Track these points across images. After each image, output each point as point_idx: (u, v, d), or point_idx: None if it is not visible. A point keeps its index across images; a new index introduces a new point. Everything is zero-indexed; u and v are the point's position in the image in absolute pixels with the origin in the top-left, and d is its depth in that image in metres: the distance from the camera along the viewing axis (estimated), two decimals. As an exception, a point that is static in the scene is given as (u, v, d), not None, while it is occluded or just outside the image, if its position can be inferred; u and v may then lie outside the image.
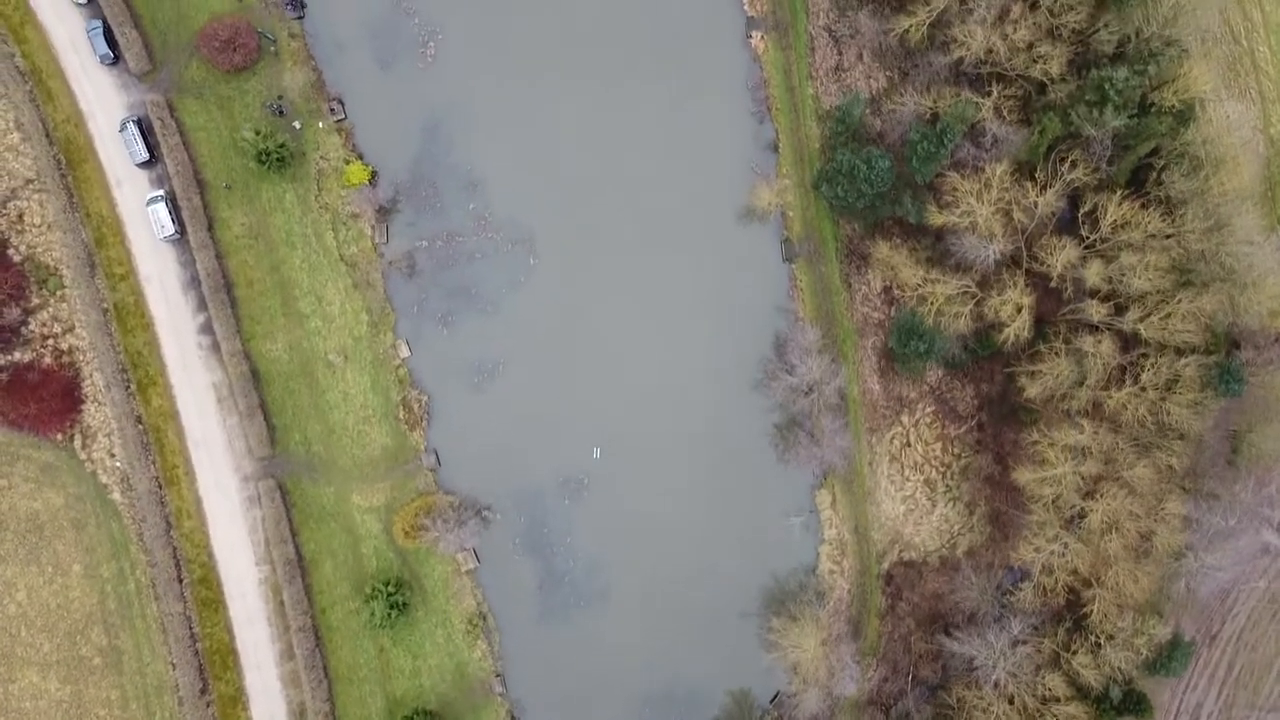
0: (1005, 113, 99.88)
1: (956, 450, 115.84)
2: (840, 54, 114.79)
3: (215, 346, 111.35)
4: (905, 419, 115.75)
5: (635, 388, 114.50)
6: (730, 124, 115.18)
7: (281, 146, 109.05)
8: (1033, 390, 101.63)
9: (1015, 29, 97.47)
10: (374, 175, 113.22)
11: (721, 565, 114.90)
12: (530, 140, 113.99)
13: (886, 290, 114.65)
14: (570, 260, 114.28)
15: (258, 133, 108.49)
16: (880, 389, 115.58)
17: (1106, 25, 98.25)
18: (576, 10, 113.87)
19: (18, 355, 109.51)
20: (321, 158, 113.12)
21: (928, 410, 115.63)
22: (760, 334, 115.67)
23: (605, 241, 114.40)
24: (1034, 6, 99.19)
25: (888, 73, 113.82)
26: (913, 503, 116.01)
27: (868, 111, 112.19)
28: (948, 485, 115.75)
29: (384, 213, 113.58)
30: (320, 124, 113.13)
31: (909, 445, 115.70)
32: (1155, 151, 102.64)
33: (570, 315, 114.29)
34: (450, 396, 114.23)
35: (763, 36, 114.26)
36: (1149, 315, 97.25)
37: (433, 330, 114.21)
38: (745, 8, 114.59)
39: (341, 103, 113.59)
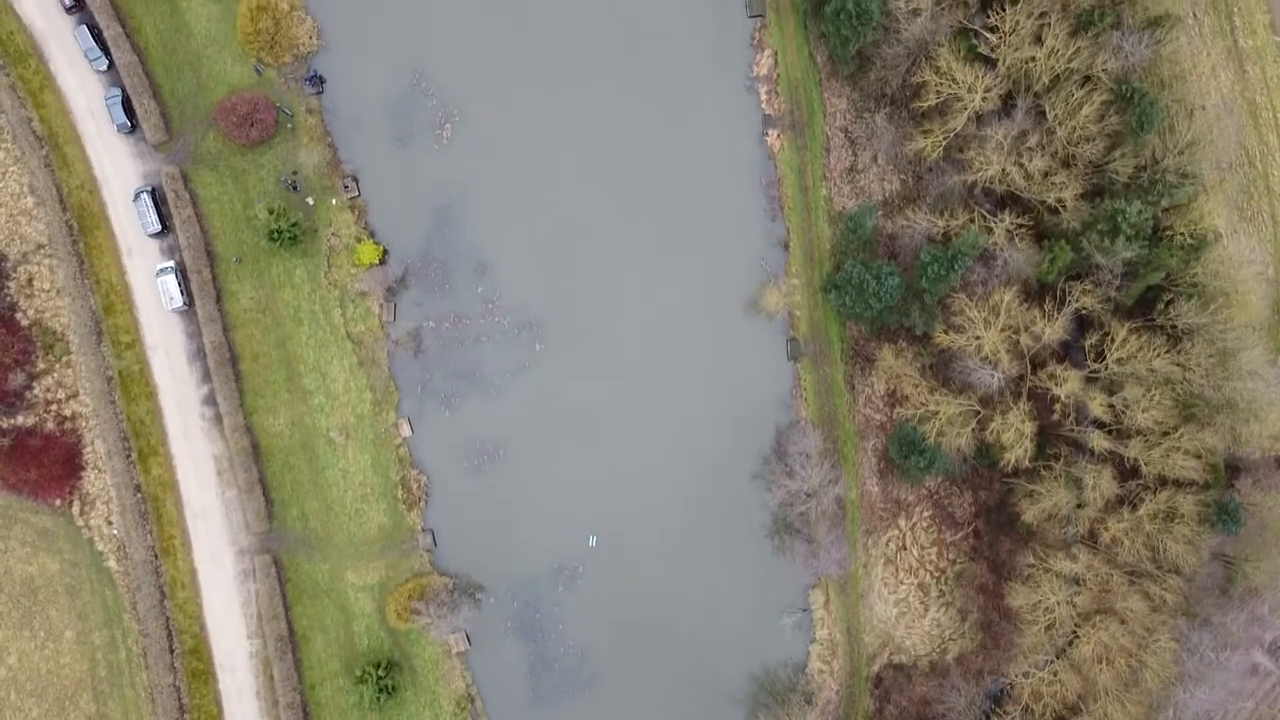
0: (1017, 239, 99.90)
1: (952, 556, 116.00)
2: (855, 156, 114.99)
3: (218, 418, 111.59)
4: (902, 522, 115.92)
5: (634, 478, 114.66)
6: (742, 220, 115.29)
7: (294, 225, 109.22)
8: (1030, 515, 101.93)
9: (1031, 158, 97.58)
10: (385, 255, 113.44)
11: (712, 659, 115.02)
12: (542, 226, 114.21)
13: (890, 393, 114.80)
14: (576, 348, 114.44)
15: (271, 211, 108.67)
16: (879, 491, 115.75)
17: (1123, 155, 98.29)
18: (595, 99, 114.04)
19: (21, 420, 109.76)
20: (333, 234, 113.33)
21: (925, 515, 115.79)
22: (762, 429, 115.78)
23: (612, 330, 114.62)
24: (1050, 132, 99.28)
25: (901, 176, 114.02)
26: (905, 606, 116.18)
27: (880, 215, 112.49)
28: (941, 590, 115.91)
29: (392, 291, 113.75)
30: (333, 200, 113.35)
31: (905, 549, 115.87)
32: (1166, 277, 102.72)
33: (573, 402, 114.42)
34: (449, 478, 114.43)
35: (779, 135, 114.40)
36: (1152, 449, 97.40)
37: (435, 411, 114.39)
38: (763, 106, 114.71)
39: (356, 180, 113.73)
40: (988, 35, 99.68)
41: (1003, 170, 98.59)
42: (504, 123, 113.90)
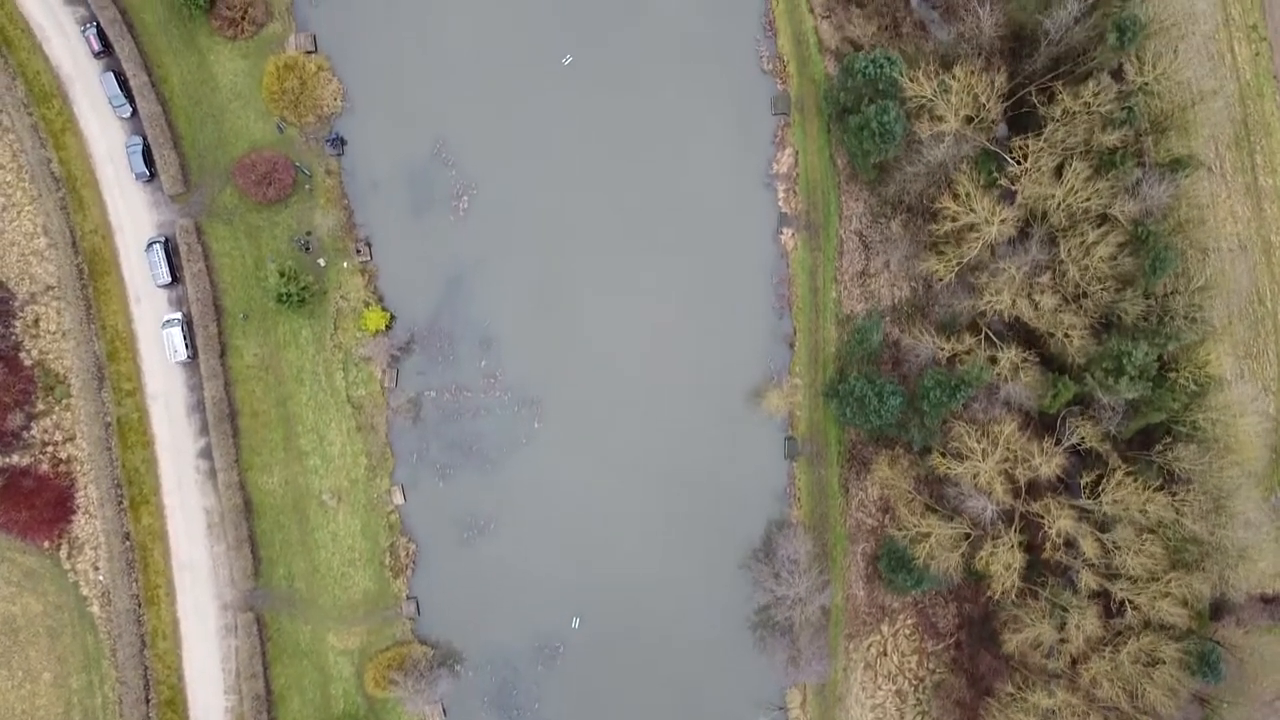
0: (1022, 371, 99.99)
1: (932, 665, 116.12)
2: (868, 260, 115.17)
3: (212, 472, 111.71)
4: (885, 628, 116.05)
5: (622, 562, 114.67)
6: (750, 315, 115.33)
7: (304, 289, 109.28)
8: (1011, 645, 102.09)
9: (1042, 292, 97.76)
10: (391, 321, 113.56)
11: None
12: (551, 305, 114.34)
13: (883, 499, 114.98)
14: (574, 430, 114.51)
15: (282, 274, 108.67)
16: (864, 595, 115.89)
17: (1133, 295, 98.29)
18: (615, 184, 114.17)
19: (16, 459, 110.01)
20: (342, 297, 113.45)
21: (908, 622, 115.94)
22: (753, 523, 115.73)
23: (612, 414, 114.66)
24: (1062, 267, 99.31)
25: (912, 284, 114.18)
26: (882, 712, 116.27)
27: (887, 320, 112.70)
28: (918, 699, 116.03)
29: (396, 359, 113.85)
30: (345, 263, 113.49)
31: (885, 654, 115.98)
32: (1167, 417, 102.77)
33: (567, 483, 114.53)
34: (438, 548, 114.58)
35: (793, 234, 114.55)
36: (1139, 593, 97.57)
37: (429, 480, 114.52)
38: (780, 204, 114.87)
39: (369, 245, 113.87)
40: (1011, 161, 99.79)
41: (1013, 302, 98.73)
42: (521, 200, 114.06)
